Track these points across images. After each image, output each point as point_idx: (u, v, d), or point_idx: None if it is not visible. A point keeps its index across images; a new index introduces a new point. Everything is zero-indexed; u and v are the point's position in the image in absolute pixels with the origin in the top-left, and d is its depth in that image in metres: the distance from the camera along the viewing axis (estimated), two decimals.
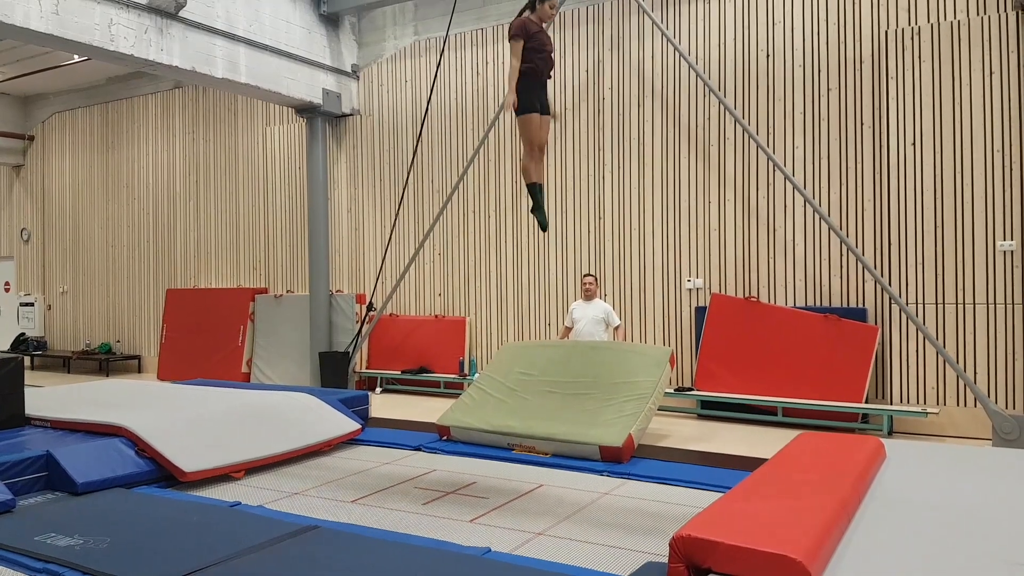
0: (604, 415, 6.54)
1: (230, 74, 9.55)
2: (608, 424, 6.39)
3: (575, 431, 6.37)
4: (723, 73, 8.93)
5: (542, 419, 6.65)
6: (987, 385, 7.50)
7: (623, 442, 6.13)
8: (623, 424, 6.33)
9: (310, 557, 4.01)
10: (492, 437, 6.68)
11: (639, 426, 6.36)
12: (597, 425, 6.40)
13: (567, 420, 6.57)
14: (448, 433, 7.01)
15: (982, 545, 3.40)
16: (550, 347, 7.88)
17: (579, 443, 6.23)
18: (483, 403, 7.20)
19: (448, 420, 7.08)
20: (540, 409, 6.85)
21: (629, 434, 6.19)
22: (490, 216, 10.46)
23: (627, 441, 6.16)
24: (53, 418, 6.71)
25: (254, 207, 12.65)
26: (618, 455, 6.12)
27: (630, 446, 6.21)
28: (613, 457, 6.13)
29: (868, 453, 4.80)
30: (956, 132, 7.63)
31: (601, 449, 6.14)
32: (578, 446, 6.24)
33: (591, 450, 6.20)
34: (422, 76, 11.00)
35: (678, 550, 3.24)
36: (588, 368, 7.17)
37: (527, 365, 7.48)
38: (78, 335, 14.83)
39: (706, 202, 9.05)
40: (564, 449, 6.31)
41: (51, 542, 4.27)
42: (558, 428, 6.45)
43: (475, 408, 7.15)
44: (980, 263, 7.54)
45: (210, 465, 5.95)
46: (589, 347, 7.67)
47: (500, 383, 7.37)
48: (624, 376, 6.91)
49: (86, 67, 13.13)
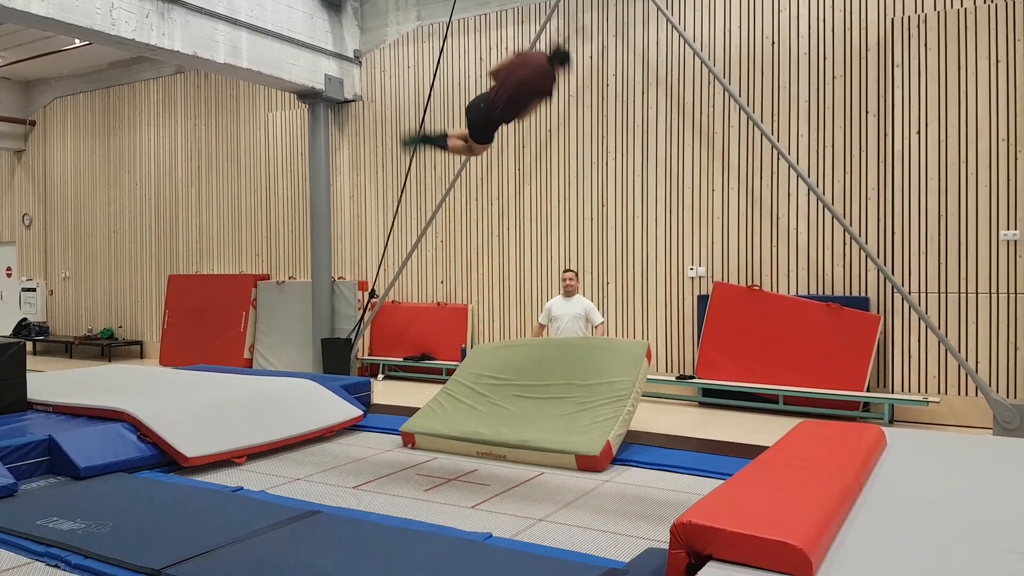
0: (580, 420, 6.08)
1: (232, 59, 9.52)
2: (584, 431, 5.93)
3: (549, 439, 5.89)
4: (728, 60, 8.88)
5: (514, 426, 6.17)
6: (988, 374, 7.49)
7: (600, 451, 5.67)
8: (600, 430, 5.86)
9: (312, 541, 4.02)
10: (460, 445, 6.18)
11: (617, 432, 5.88)
12: (573, 432, 5.94)
13: (541, 427, 6.10)
14: (413, 441, 6.48)
15: (982, 534, 3.40)
16: (522, 347, 7.40)
17: (554, 451, 5.77)
18: (452, 409, 6.72)
19: (413, 427, 6.55)
20: (512, 415, 6.38)
21: (607, 441, 5.73)
22: (492, 203, 10.44)
23: (605, 449, 5.70)
24: (55, 403, 6.72)
25: (256, 193, 12.63)
26: (595, 464, 5.66)
27: (608, 454, 5.75)
28: (590, 466, 5.66)
29: (869, 441, 4.80)
30: (961, 121, 7.59)
31: (577, 459, 5.69)
32: (553, 455, 5.78)
33: (566, 459, 5.73)
34: (425, 62, 10.96)
35: (679, 536, 3.23)
36: (562, 368, 6.72)
37: (499, 368, 7.00)
38: (80, 320, 14.86)
39: (709, 190, 9.02)
40: (537, 458, 5.83)
41: (53, 526, 4.29)
42: (531, 435, 5.97)
43: (443, 415, 6.66)
44: (984, 252, 7.52)
45: (212, 450, 5.97)
46: (562, 345, 7.29)
47: (470, 388, 6.90)
48: (600, 376, 6.46)
49: (87, 52, 13.09)
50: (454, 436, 6.24)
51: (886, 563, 3.11)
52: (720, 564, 3.09)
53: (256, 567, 3.68)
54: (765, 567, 3.00)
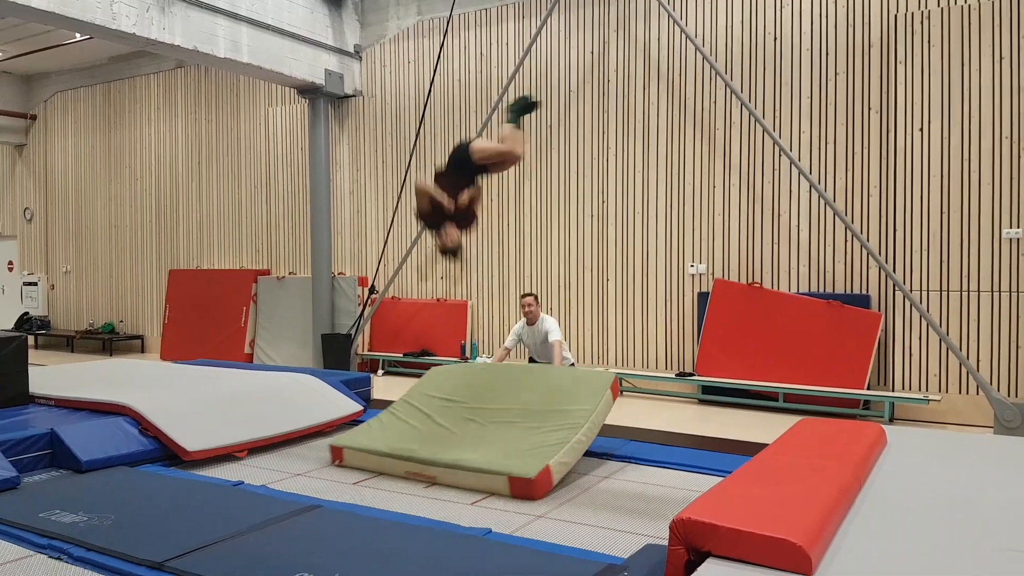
0: (523, 445, 5.49)
1: (232, 54, 9.51)
2: (523, 455, 5.30)
3: (483, 459, 5.29)
4: (730, 56, 8.87)
5: (450, 446, 5.59)
6: (990, 373, 7.49)
7: (536, 474, 5.00)
8: (541, 455, 5.23)
9: (312, 536, 4.03)
10: (388, 462, 5.58)
11: (561, 459, 5.23)
12: (511, 455, 5.32)
13: (479, 448, 5.51)
14: (341, 457, 5.86)
15: (982, 532, 3.40)
16: (481, 371, 6.90)
17: (486, 472, 5.15)
18: (390, 427, 6.17)
19: (342, 441, 5.96)
20: (452, 437, 5.83)
21: (546, 466, 5.08)
22: (492, 199, 10.44)
23: (542, 473, 5.03)
24: (57, 396, 6.73)
25: (256, 188, 12.63)
26: (530, 489, 4.98)
27: (546, 480, 5.06)
28: (524, 492, 4.99)
29: (869, 439, 4.80)
30: (964, 118, 7.58)
31: (510, 482, 5.03)
32: (485, 477, 5.15)
33: (499, 483, 5.08)
34: (425, 57, 10.95)
35: (678, 533, 3.24)
36: (520, 395, 6.17)
37: (452, 390, 6.46)
38: (81, 315, 14.87)
39: (710, 186, 9.02)
40: (469, 481, 5.21)
41: (56, 519, 4.30)
42: (465, 456, 5.37)
43: (379, 431, 6.10)
44: (985, 250, 7.52)
45: (213, 445, 5.98)
46: (525, 371, 6.85)
47: (417, 409, 6.32)
48: (557, 404, 5.89)
49: (88, 46, 13.08)
50: (382, 452, 5.64)
51: (885, 561, 3.12)
52: (719, 561, 3.09)
53: (257, 561, 3.69)
54: (764, 564, 3.01)
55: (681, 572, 3.21)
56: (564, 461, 5.27)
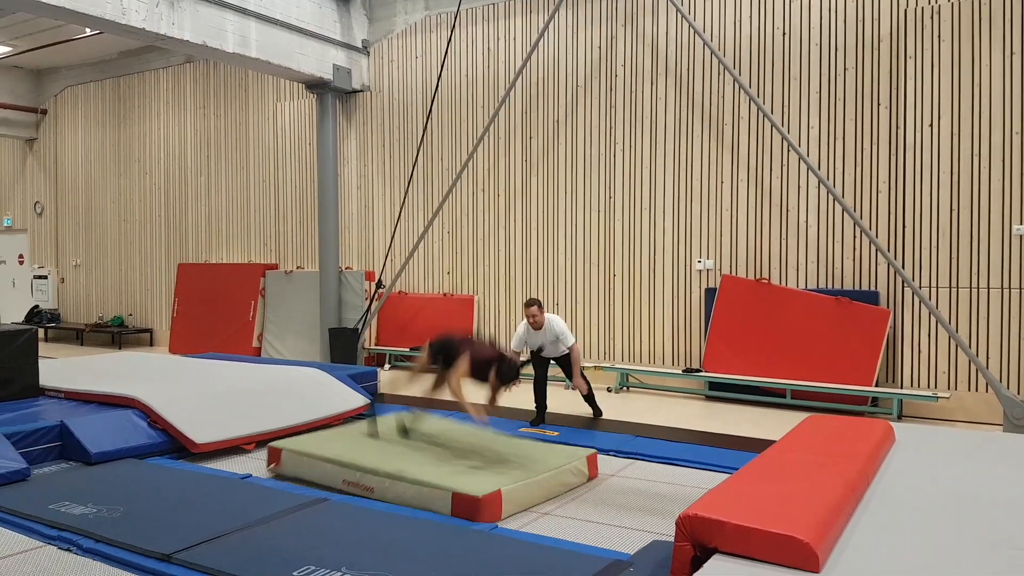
0: (475, 466, 5.09)
1: (241, 49, 9.52)
2: (473, 473, 4.87)
3: (426, 472, 4.85)
4: (738, 51, 8.84)
5: (396, 459, 5.14)
6: (999, 370, 7.46)
7: (484, 494, 4.47)
8: (495, 479, 4.71)
9: (319, 529, 4.05)
10: (328, 468, 5.14)
11: (515, 488, 4.68)
12: (460, 473, 4.88)
13: (426, 464, 5.08)
14: (278, 459, 5.46)
15: (990, 531, 3.39)
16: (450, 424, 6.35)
17: (428, 486, 4.65)
18: (336, 438, 5.86)
19: (282, 444, 5.57)
20: (401, 453, 5.34)
21: (498, 489, 4.55)
22: (499, 194, 10.43)
23: (492, 496, 4.49)
24: (67, 389, 6.78)
25: (264, 183, 12.65)
26: (474, 509, 4.42)
27: (495, 505, 4.50)
28: (468, 512, 4.44)
29: (877, 436, 4.79)
30: (974, 113, 7.53)
31: (454, 499, 4.51)
32: (427, 491, 4.64)
33: (441, 499, 4.56)
34: (433, 52, 10.94)
35: (684, 529, 3.24)
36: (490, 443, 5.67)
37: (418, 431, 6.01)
38: (91, 308, 14.94)
39: (718, 182, 8.99)
40: (409, 494, 4.70)
41: (65, 510, 4.33)
42: (407, 467, 4.92)
43: (323, 440, 5.75)
44: (996, 247, 7.48)
45: (221, 437, 6.01)
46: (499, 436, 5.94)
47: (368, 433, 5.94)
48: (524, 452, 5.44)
49: (98, 41, 13.11)
50: (321, 457, 5.23)
51: (893, 558, 3.11)
52: (725, 557, 3.10)
53: (264, 554, 3.71)
54: (771, 561, 3.01)
55: (687, 568, 3.21)
56: (519, 493, 4.69)
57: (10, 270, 16.26)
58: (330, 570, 3.48)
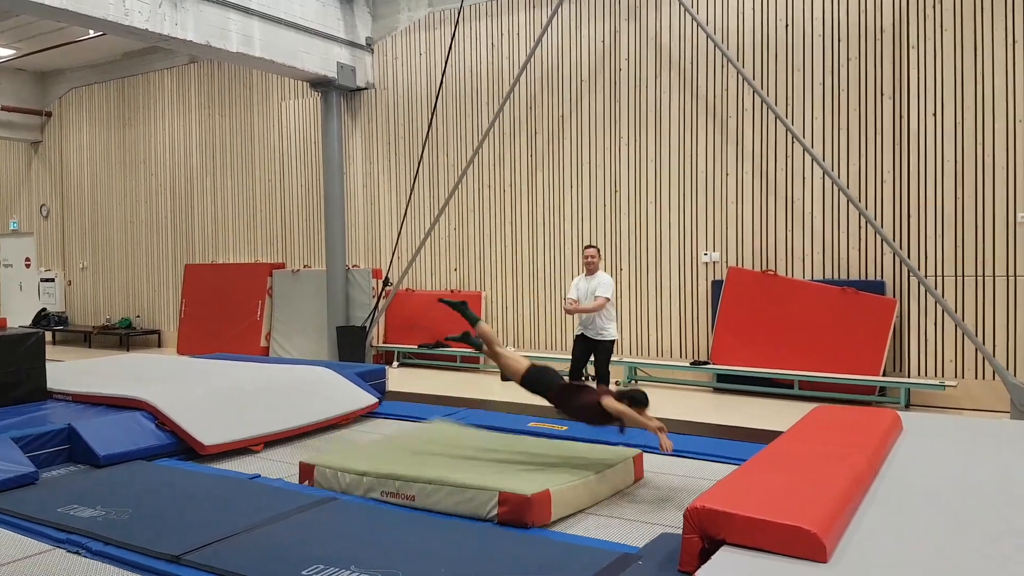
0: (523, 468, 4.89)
1: (244, 48, 9.53)
2: (519, 476, 4.64)
3: (472, 476, 4.61)
4: (741, 43, 8.80)
5: (435, 466, 4.91)
6: (1006, 357, 7.43)
7: (534, 493, 4.26)
8: (542, 480, 4.50)
9: (328, 528, 4.06)
10: (365, 481, 4.86)
11: (566, 487, 4.49)
12: (505, 475, 4.67)
13: (468, 469, 4.84)
14: (311, 476, 5.15)
15: (997, 519, 3.38)
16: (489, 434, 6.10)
17: (473, 488, 4.43)
18: (367, 449, 5.75)
19: (315, 460, 5.27)
20: (439, 460, 5.09)
21: (547, 489, 4.34)
22: (505, 190, 10.43)
23: (541, 495, 4.28)
24: (75, 392, 6.80)
25: (270, 182, 12.68)
26: (523, 511, 4.20)
27: (544, 506, 4.28)
28: (515, 513, 4.22)
29: (884, 426, 4.78)
30: (978, 103, 7.49)
31: (500, 497, 4.29)
32: (471, 494, 4.42)
33: (487, 501, 4.34)
34: (437, 48, 10.93)
35: (693, 521, 3.25)
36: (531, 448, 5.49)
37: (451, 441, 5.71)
38: (98, 310, 15.01)
39: (723, 174, 8.97)
40: (453, 501, 4.48)
41: (74, 513, 4.35)
42: (451, 473, 4.69)
43: (355, 453, 5.62)
44: (1000, 235, 7.44)
45: (230, 439, 6.03)
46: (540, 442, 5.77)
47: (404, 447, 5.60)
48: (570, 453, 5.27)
49: (102, 42, 13.15)
50: (356, 471, 4.94)
51: (900, 547, 3.11)
52: (734, 549, 3.10)
53: (273, 553, 3.73)
54: (779, 552, 3.01)
55: (696, 560, 3.21)
56: (569, 493, 4.50)
57: (17, 273, 16.33)
58: (338, 568, 3.49)
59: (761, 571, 2.91)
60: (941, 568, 2.91)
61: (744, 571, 2.92)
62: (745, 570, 2.93)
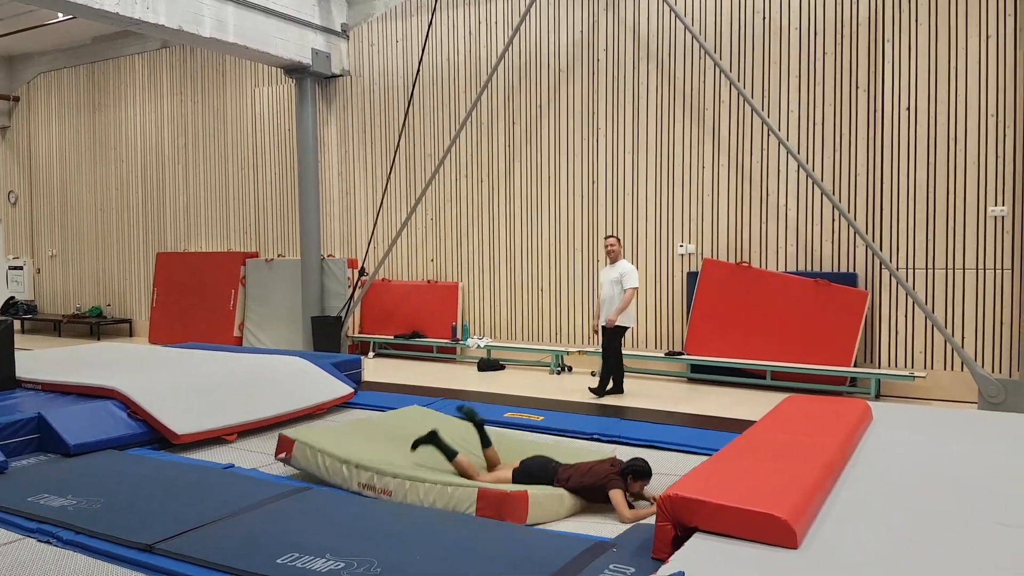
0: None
1: (218, 33, 9.41)
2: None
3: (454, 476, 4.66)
4: (719, 35, 8.84)
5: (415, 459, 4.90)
6: (974, 349, 7.56)
7: (512, 491, 4.29)
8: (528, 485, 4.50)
9: (303, 517, 4.04)
10: (343, 469, 4.79)
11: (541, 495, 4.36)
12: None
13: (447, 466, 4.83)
14: (289, 450, 5.09)
15: (965, 505, 3.45)
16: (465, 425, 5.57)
17: (452, 485, 4.43)
18: (354, 433, 5.54)
19: (297, 435, 5.23)
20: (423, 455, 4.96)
21: (525, 491, 4.30)
22: (483, 180, 10.40)
23: (518, 495, 4.25)
24: (44, 381, 6.70)
25: (244, 170, 12.54)
26: (501, 506, 4.20)
27: (521, 505, 4.21)
28: (492, 510, 4.20)
29: (855, 415, 4.85)
30: (950, 97, 7.59)
31: (479, 495, 4.28)
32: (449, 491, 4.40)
33: (467, 496, 4.32)
34: (413, 36, 10.86)
35: (665, 509, 3.27)
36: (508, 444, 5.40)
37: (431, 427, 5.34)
38: (68, 299, 14.79)
39: (699, 166, 9.02)
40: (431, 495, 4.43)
41: (44, 503, 4.29)
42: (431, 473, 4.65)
43: (340, 435, 5.43)
44: (971, 228, 7.56)
45: (202, 428, 5.97)
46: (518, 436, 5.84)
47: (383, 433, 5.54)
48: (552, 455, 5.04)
49: (71, 26, 12.91)
50: (335, 455, 4.87)
51: (870, 533, 3.16)
52: (706, 536, 3.13)
53: (247, 541, 3.70)
54: (750, 538, 3.04)
55: (669, 548, 3.24)
56: (545, 503, 4.36)
57: None
58: (314, 557, 3.48)
59: (732, 557, 2.95)
60: (910, 553, 2.96)
61: (716, 557, 2.95)
62: (717, 556, 2.96)
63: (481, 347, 10.11)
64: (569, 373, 9.38)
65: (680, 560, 2.92)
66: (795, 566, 2.85)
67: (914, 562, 2.88)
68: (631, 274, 7.86)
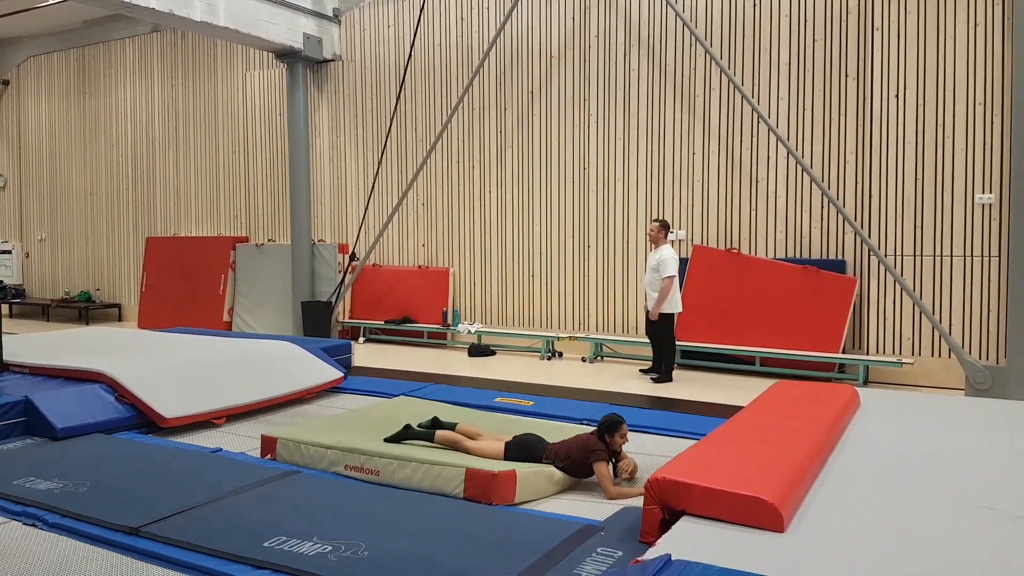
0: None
1: (209, 17, 9.33)
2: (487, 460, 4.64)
3: (439, 454, 4.67)
4: (709, 22, 8.81)
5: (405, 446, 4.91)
6: (962, 336, 7.60)
7: (499, 471, 4.28)
8: (508, 464, 4.51)
9: (291, 500, 4.04)
10: (329, 455, 4.81)
11: (529, 474, 4.41)
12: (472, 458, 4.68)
13: (436, 447, 4.87)
14: (273, 450, 5.09)
15: (951, 490, 3.47)
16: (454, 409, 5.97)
17: (440, 464, 4.44)
18: (333, 424, 5.57)
19: (278, 433, 5.22)
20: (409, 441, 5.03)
21: (513, 470, 4.33)
22: (474, 166, 10.37)
23: (506, 476, 4.27)
24: (32, 364, 6.66)
25: (234, 154, 12.47)
26: (488, 488, 4.22)
27: (509, 486, 4.26)
28: (480, 491, 4.24)
29: (842, 401, 4.87)
30: (939, 85, 7.60)
31: (467, 475, 4.31)
32: (437, 470, 4.42)
33: (454, 477, 4.35)
34: (405, 21, 10.79)
35: (653, 492, 3.28)
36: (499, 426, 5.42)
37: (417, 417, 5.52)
38: (57, 283, 14.71)
39: (690, 153, 9.01)
40: (418, 476, 4.46)
41: (30, 486, 4.27)
42: (418, 451, 4.71)
43: (320, 427, 5.45)
44: (959, 216, 7.59)
45: (191, 412, 5.95)
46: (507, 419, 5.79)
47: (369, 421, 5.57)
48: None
49: (61, 9, 12.77)
50: (320, 444, 4.90)
51: (856, 517, 3.17)
52: (693, 519, 3.14)
53: (234, 525, 3.70)
54: (737, 521, 3.06)
55: (656, 531, 3.25)
56: (532, 481, 4.41)
57: None
58: (301, 540, 3.48)
59: (719, 540, 2.96)
60: (896, 537, 2.98)
61: (703, 540, 2.97)
62: (704, 539, 2.97)
63: (472, 332, 10.11)
64: (559, 359, 9.39)
65: (667, 543, 2.93)
66: (782, 549, 2.87)
67: (899, 546, 2.90)
68: (667, 262, 7.72)
